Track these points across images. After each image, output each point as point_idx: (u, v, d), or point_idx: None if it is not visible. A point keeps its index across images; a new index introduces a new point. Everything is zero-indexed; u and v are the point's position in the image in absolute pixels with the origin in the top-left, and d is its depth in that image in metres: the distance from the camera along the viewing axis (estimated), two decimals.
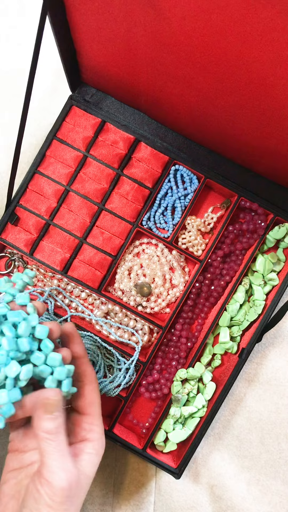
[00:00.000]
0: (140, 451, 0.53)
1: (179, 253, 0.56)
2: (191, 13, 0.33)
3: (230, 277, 0.56)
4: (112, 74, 0.51)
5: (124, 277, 0.56)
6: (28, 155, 0.60)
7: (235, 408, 0.58)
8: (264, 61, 0.34)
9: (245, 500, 0.57)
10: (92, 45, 0.47)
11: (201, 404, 0.53)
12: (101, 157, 0.55)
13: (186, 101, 0.47)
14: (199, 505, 0.57)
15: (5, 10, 0.62)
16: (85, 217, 0.55)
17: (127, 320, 0.55)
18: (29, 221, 0.54)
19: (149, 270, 0.56)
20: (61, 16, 0.44)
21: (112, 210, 0.55)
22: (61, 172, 0.55)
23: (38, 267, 0.56)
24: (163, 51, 0.41)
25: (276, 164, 0.50)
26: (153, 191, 0.55)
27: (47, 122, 0.60)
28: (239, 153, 0.53)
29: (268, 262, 0.55)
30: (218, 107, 0.44)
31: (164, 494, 0.57)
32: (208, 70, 0.39)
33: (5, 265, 0.56)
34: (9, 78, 0.62)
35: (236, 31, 0.32)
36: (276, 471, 0.57)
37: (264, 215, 0.55)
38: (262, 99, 0.39)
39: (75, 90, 0.56)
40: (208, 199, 0.58)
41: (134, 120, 0.57)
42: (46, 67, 0.60)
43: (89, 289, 0.54)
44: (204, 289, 0.55)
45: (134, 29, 0.40)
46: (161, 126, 0.56)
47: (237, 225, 0.56)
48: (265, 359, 0.58)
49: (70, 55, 0.50)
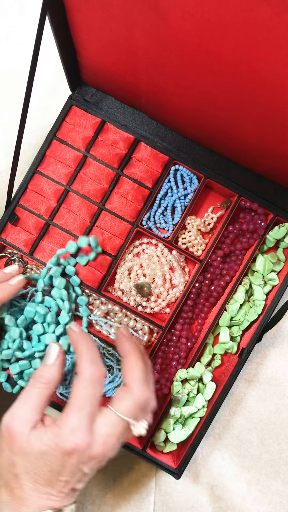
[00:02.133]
0: (140, 451, 0.53)
1: (179, 253, 0.56)
2: (191, 13, 0.33)
3: (230, 277, 0.55)
4: (112, 74, 0.51)
5: (124, 277, 0.56)
6: (28, 155, 0.60)
7: (235, 408, 0.58)
8: (264, 61, 0.34)
9: (245, 500, 0.57)
10: (92, 45, 0.47)
11: (201, 404, 0.53)
12: (101, 157, 0.55)
13: (186, 101, 0.47)
14: (199, 505, 0.57)
15: (5, 10, 0.62)
16: (85, 217, 0.55)
17: (127, 320, 0.55)
18: (29, 221, 0.54)
19: (149, 270, 0.56)
20: (61, 16, 0.44)
21: (112, 210, 0.55)
22: (61, 172, 0.55)
23: (38, 267, 0.56)
24: (163, 51, 0.41)
25: (276, 164, 0.50)
26: (153, 191, 0.55)
27: (47, 122, 0.60)
28: (239, 153, 0.53)
29: (268, 262, 0.55)
30: (218, 107, 0.44)
31: (164, 494, 0.57)
32: (208, 70, 0.39)
33: (5, 265, 0.56)
34: (9, 78, 0.62)
35: (236, 31, 0.32)
36: (276, 471, 0.57)
37: (264, 215, 0.55)
38: (262, 99, 0.39)
39: (75, 90, 0.56)
40: (208, 199, 0.58)
41: (134, 120, 0.57)
42: (46, 67, 0.60)
43: (89, 289, 0.54)
44: (204, 289, 0.55)
45: (134, 29, 0.40)
46: (161, 126, 0.56)
47: (237, 225, 0.56)
48: (265, 359, 0.58)
49: (70, 55, 0.50)
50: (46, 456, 0.37)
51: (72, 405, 0.39)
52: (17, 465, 0.37)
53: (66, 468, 0.37)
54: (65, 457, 0.37)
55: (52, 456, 0.37)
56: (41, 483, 0.37)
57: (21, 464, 0.37)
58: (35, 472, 0.37)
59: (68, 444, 0.37)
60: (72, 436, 0.37)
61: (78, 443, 0.37)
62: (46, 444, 0.37)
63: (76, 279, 0.53)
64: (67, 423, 0.38)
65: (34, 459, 0.37)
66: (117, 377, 0.54)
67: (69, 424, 0.38)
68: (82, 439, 0.37)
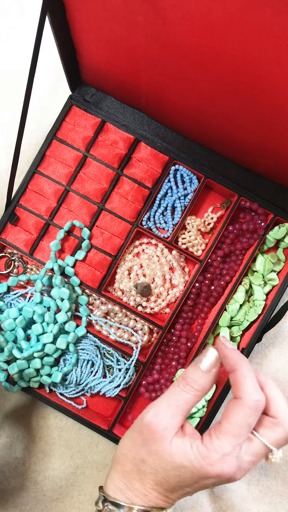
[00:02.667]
0: None
1: (179, 253, 0.56)
2: (191, 13, 0.33)
3: (230, 277, 0.55)
4: (112, 74, 0.51)
5: (124, 277, 0.56)
6: (28, 155, 0.60)
7: None
8: (264, 60, 0.34)
9: (245, 500, 0.57)
10: (92, 45, 0.47)
11: (201, 404, 0.53)
12: (101, 157, 0.55)
13: (186, 101, 0.47)
14: (199, 505, 0.57)
15: (5, 10, 0.62)
16: (85, 217, 0.55)
17: (127, 320, 0.55)
18: (29, 221, 0.54)
19: (149, 270, 0.56)
20: (61, 16, 0.44)
21: (112, 210, 0.55)
22: (61, 172, 0.55)
23: (38, 267, 0.56)
24: (163, 51, 0.41)
25: (276, 164, 0.50)
26: (153, 191, 0.55)
27: (47, 122, 0.60)
28: (239, 153, 0.53)
29: (268, 262, 0.55)
30: (218, 106, 0.44)
31: None
32: (208, 70, 0.39)
33: (5, 265, 0.56)
34: (9, 78, 0.62)
35: (236, 31, 0.32)
36: (276, 471, 0.57)
37: (264, 215, 0.55)
38: (262, 99, 0.39)
39: (75, 90, 0.56)
40: (208, 199, 0.58)
41: (134, 120, 0.57)
42: (46, 67, 0.60)
43: (89, 289, 0.54)
44: (204, 289, 0.55)
45: (134, 29, 0.40)
46: (161, 126, 0.56)
47: (237, 225, 0.56)
48: (265, 359, 0.58)
49: (70, 55, 0.50)
50: (184, 471, 0.36)
51: (228, 430, 0.36)
52: (147, 464, 0.36)
53: (196, 485, 0.36)
54: (203, 479, 0.36)
55: (191, 473, 0.36)
56: (165, 487, 0.36)
57: (152, 466, 0.36)
58: (164, 478, 0.36)
59: (214, 470, 0.35)
60: (221, 463, 0.35)
61: (225, 471, 0.35)
62: (190, 461, 0.36)
63: (76, 279, 0.53)
64: (220, 449, 0.35)
65: (170, 468, 0.36)
66: (117, 377, 0.54)
67: (221, 451, 0.35)
68: (231, 467, 0.35)
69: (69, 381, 0.54)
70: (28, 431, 0.57)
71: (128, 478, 0.37)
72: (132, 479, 0.37)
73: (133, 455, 0.37)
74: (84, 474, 0.56)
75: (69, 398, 0.55)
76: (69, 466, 0.57)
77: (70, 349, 0.53)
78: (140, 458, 0.37)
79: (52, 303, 0.53)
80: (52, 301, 0.53)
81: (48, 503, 0.56)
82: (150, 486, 0.37)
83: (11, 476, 0.56)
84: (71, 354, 0.53)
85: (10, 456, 0.56)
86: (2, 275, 0.56)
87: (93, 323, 0.55)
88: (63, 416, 0.57)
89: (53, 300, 0.53)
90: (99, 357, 0.54)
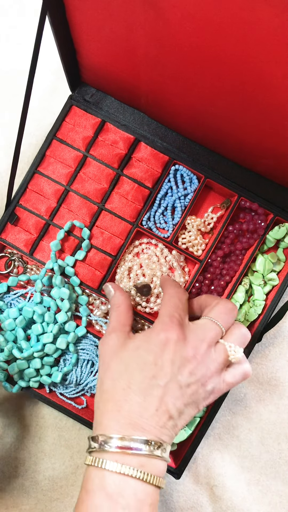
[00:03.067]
0: None
1: (179, 253, 0.56)
2: (191, 13, 0.33)
3: (230, 277, 0.55)
4: (112, 74, 0.51)
5: (123, 277, 0.56)
6: (28, 155, 0.60)
7: (235, 408, 0.58)
8: (264, 60, 0.34)
9: (245, 500, 0.57)
10: (92, 45, 0.47)
11: None
12: (101, 157, 0.55)
13: (186, 101, 0.47)
14: (199, 505, 0.57)
15: (5, 10, 0.62)
16: (85, 217, 0.55)
17: None
18: (29, 221, 0.54)
19: (148, 270, 0.56)
20: (61, 16, 0.44)
21: (112, 210, 0.55)
22: (61, 172, 0.55)
23: (38, 267, 0.56)
24: (163, 51, 0.41)
25: (276, 164, 0.50)
26: (153, 191, 0.55)
27: (47, 122, 0.60)
28: (239, 153, 0.53)
29: (268, 262, 0.55)
30: (218, 106, 0.44)
31: (164, 494, 0.57)
32: (208, 70, 0.39)
33: (5, 265, 0.56)
34: (9, 78, 0.62)
35: (236, 31, 0.32)
36: (276, 471, 0.57)
37: (264, 215, 0.55)
38: (262, 99, 0.39)
39: (75, 90, 0.56)
40: (208, 199, 0.58)
41: (134, 120, 0.57)
42: (46, 67, 0.60)
43: (89, 289, 0.54)
44: (204, 289, 0.55)
45: (134, 29, 0.40)
46: (161, 126, 0.56)
47: (237, 225, 0.56)
48: (265, 359, 0.58)
49: (70, 55, 0.50)
50: (141, 351, 0.41)
51: (161, 313, 0.43)
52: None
53: (163, 367, 0.39)
54: (160, 347, 0.40)
55: (148, 349, 0.41)
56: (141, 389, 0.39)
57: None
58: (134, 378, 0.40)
59: (160, 335, 0.41)
60: (163, 331, 0.41)
61: (169, 334, 0.40)
62: (141, 340, 0.42)
63: (76, 279, 0.53)
64: (157, 322, 0.43)
65: (128, 358, 0.41)
66: None
67: (159, 322, 0.42)
68: (173, 331, 0.41)
69: (69, 381, 0.54)
70: (28, 431, 0.57)
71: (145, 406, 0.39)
72: (118, 401, 0.39)
73: (126, 383, 0.40)
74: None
75: (69, 398, 0.55)
76: (69, 466, 0.57)
77: (70, 349, 0.53)
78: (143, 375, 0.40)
79: (52, 303, 0.53)
80: (52, 301, 0.53)
81: (48, 503, 0.56)
82: (135, 402, 0.39)
83: (11, 476, 0.56)
84: (71, 354, 0.53)
85: (10, 456, 0.56)
86: (2, 275, 0.56)
87: (93, 323, 0.55)
88: (63, 416, 0.57)
89: (53, 300, 0.53)
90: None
